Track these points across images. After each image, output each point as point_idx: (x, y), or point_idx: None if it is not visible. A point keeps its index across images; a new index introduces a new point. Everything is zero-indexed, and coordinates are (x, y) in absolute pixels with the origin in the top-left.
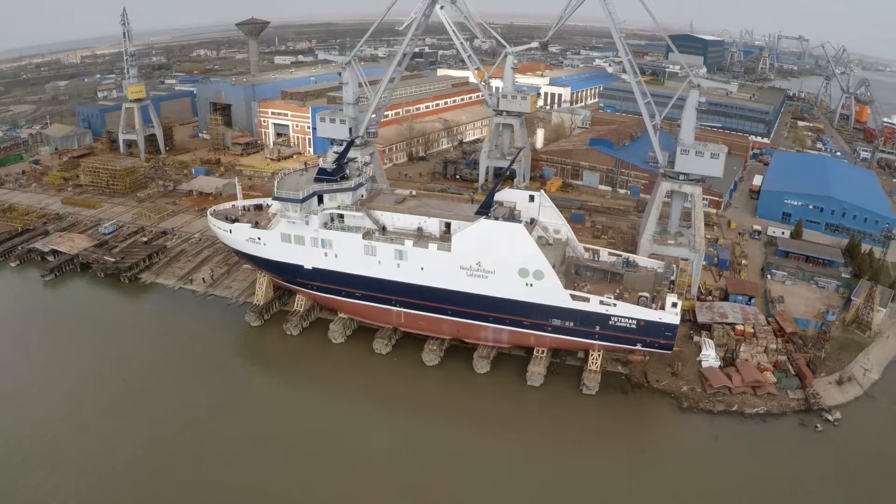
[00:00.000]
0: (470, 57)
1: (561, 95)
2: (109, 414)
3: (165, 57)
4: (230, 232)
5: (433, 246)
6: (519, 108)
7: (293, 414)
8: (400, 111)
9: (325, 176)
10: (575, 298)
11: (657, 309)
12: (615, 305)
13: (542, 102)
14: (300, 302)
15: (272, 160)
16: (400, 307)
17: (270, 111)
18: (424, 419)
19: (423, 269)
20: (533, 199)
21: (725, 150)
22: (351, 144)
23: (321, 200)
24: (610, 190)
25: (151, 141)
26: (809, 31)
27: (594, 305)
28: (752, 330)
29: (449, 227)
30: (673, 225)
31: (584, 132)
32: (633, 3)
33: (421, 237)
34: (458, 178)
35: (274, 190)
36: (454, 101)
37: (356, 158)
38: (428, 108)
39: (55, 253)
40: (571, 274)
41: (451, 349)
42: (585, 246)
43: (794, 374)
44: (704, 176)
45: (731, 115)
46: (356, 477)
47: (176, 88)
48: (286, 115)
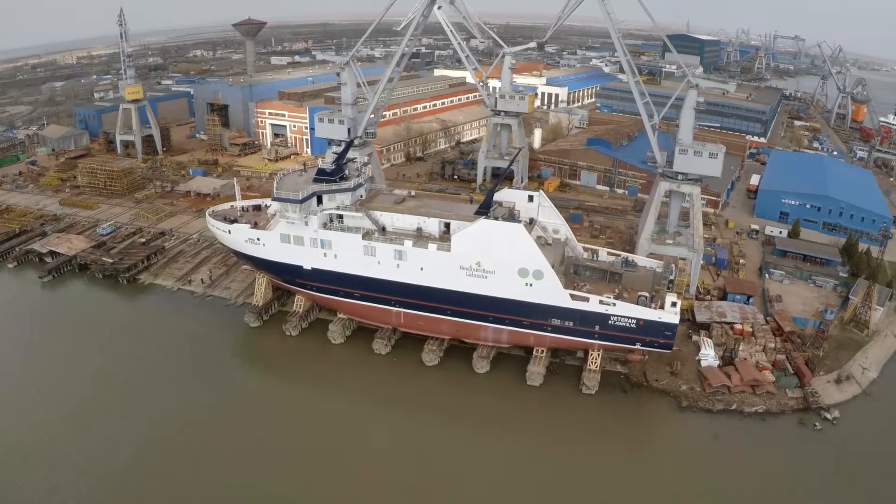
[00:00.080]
0: (468, 57)
1: (558, 95)
2: (109, 414)
3: (162, 57)
4: (229, 233)
5: (433, 246)
6: (517, 108)
7: (293, 414)
8: (397, 111)
9: (324, 176)
10: (574, 298)
11: (656, 308)
12: (615, 305)
13: (539, 102)
14: (299, 302)
15: (270, 161)
16: (399, 307)
17: (268, 112)
18: (424, 419)
19: (422, 269)
20: (532, 199)
21: (724, 149)
22: (350, 145)
23: (320, 201)
24: (608, 190)
25: (148, 142)
26: (805, 30)
27: (594, 305)
28: (750, 329)
29: (448, 227)
30: (671, 224)
31: (581, 132)
32: (629, 3)
33: (420, 237)
34: (455, 178)
35: (273, 190)
36: (451, 101)
37: (355, 159)
38: (425, 108)
39: (53, 254)
40: (570, 274)
41: (450, 349)
42: (584, 246)
43: (792, 372)
44: (702, 176)
45: (728, 114)
46: (356, 477)
47: (172, 89)
48: (283, 115)
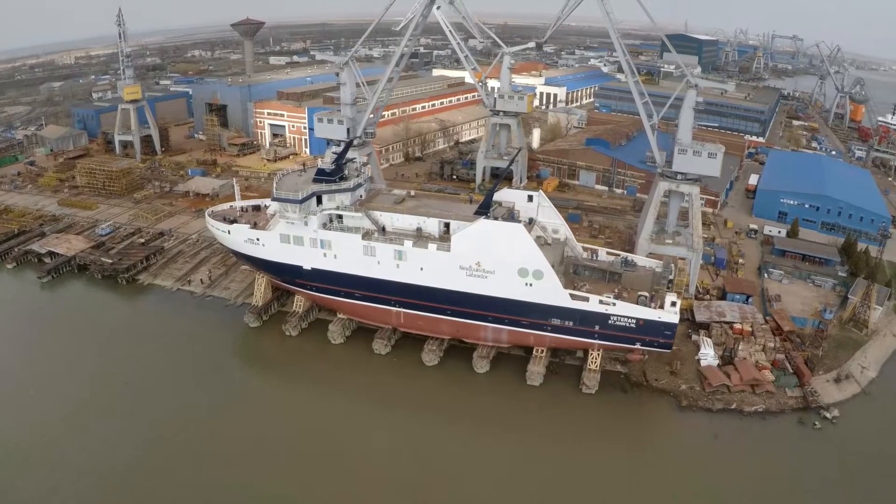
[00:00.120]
0: (467, 57)
1: (556, 95)
2: (108, 415)
3: (160, 58)
4: (229, 233)
5: (433, 246)
6: (516, 108)
7: (293, 414)
8: (396, 111)
9: (323, 176)
10: (574, 298)
11: (656, 308)
12: (614, 305)
13: (537, 102)
14: (299, 302)
15: (268, 161)
16: (399, 307)
17: (266, 112)
18: (424, 419)
19: (422, 269)
20: (531, 199)
21: (723, 149)
22: (350, 145)
23: (320, 201)
24: (606, 190)
25: (147, 142)
26: (803, 30)
27: (594, 305)
28: (750, 328)
29: (448, 227)
30: (670, 224)
31: (580, 132)
32: (628, 3)
33: (420, 237)
34: (454, 178)
35: (273, 190)
36: (450, 101)
37: (354, 159)
38: (424, 108)
39: (52, 254)
40: (570, 273)
41: (450, 349)
42: (584, 246)
43: (792, 372)
44: (702, 175)
45: (726, 114)
46: (356, 477)
47: (171, 89)
48: (282, 115)
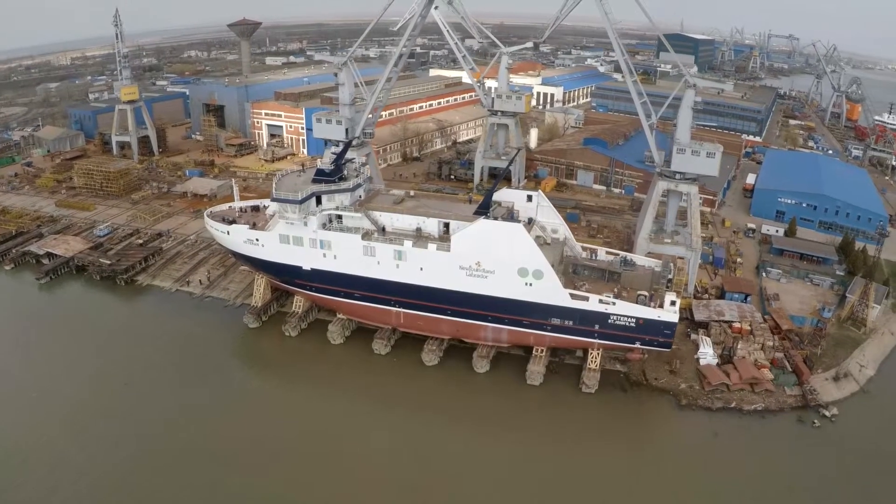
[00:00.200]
0: (465, 57)
1: (553, 95)
2: (108, 415)
3: (156, 58)
4: (228, 233)
5: (432, 246)
6: (514, 108)
7: (292, 415)
8: (394, 112)
9: (323, 177)
10: (574, 297)
11: (656, 307)
12: (614, 304)
13: (534, 102)
14: (298, 303)
15: (266, 161)
16: (399, 307)
17: (264, 112)
18: (424, 419)
19: (422, 269)
20: (531, 198)
21: (721, 149)
22: (349, 145)
23: (319, 201)
24: (604, 189)
25: (144, 142)
26: (799, 29)
27: (593, 304)
28: (748, 327)
29: (448, 227)
30: (669, 224)
31: (577, 132)
32: (624, 2)
33: (420, 237)
34: (452, 178)
35: (272, 191)
36: (447, 101)
37: (353, 159)
38: (421, 108)
39: (50, 256)
40: (569, 273)
41: (450, 349)
42: (583, 245)
43: (791, 370)
44: (700, 175)
45: (723, 114)
46: (356, 477)
47: (168, 90)
48: (280, 115)
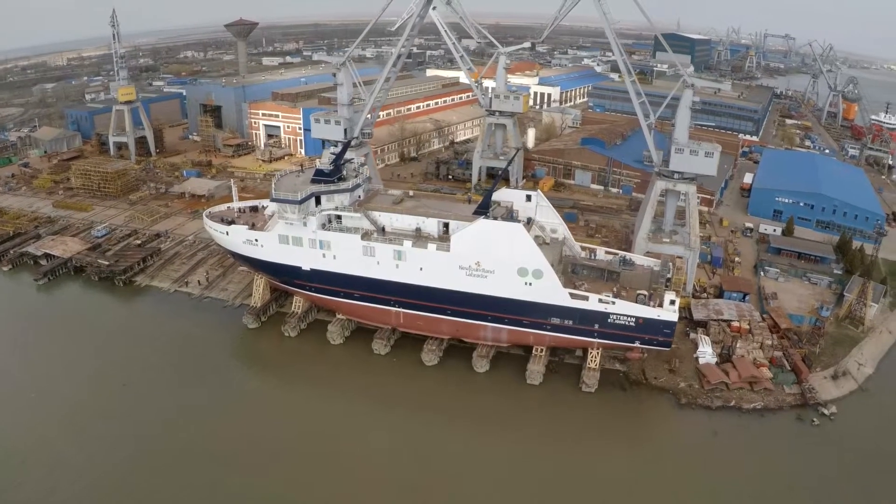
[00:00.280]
0: (462, 57)
1: (550, 95)
2: (106, 416)
3: (152, 59)
4: (227, 234)
5: (432, 246)
6: (512, 108)
7: (292, 415)
8: (391, 112)
9: (322, 177)
10: (574, 297)
11: (655, 306)
12: (614, 303)
13: (531, 102)
14: (298, 303)
15: (264, 161)
16: (399, 307)
17: (261, 112)
18: (424, 419)
19: (422, 269)
20: (530, 198)
21: (719, 148)
22: (348, 145)
23: (319, 201)
24: (602, 189)
25: (141, 143)
26: (795, 29)
27: (593, 304)
28: (747, 326)
29: (447, 227)
30: (668, 223)
31: (574, 131)
32: (621, 2)
33: (420, 237)
34: (450, 178)
35: (271, 191)
36: (445, 101)
37: (352, 159)
38: (419, 108)
39: (48, 257)
40: (568, 273)
41: (450, 349)
42: (582, 245)
43: (789, 369)
44: (698, 174)
45: (720, 113)
46: (356, 477)
47: (164, 90)
48: (277, 116)
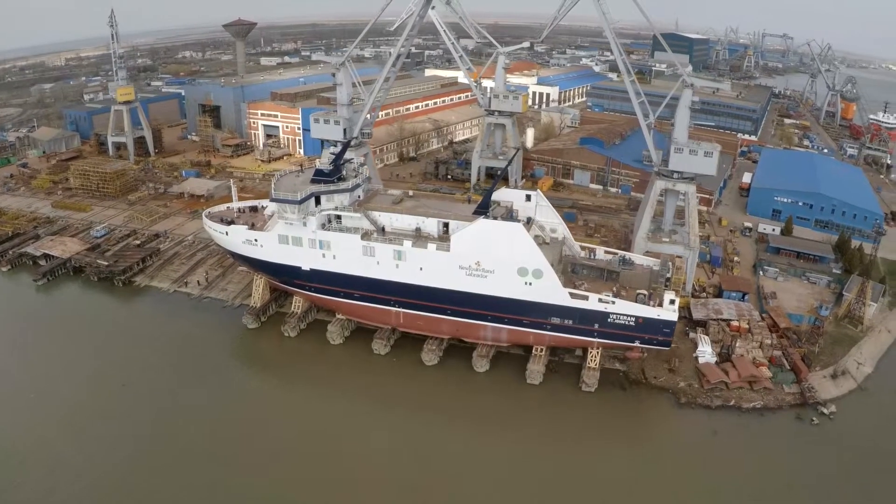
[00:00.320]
0: (461, 57)
1: (549, 95)
2: (106, 416)
3: (150, 59)
4: (227, 234)
5: (432, 246)
6: (511, 107)
7: (292, 415)
8: (390, 112)
9: (322, 177)
10: (574, 297)
11: (655, 306)
12: (614, 303)
13: (530, 102)
14: (297, 303)
15: (263, 162)
16: (399, 307)
17: (260, 112)
18: (424, 419)
19: (421, 269)
20: (529, 198)
21: (719, 148)
22: (347, 145)
23: (318, 202)
24: (601, 189)
25: (140, 143)
26: (793, 28)
27: (593, 303)
28: (746, 326)
29: (447, 227)
30: (667, 223)
31: (573, 131)
32: (619, 1)
33: (419, 237)
34: (449, 178)
35: (271, 191)
36: (443, 101)
37: (352, 159)
38: (418, 108)
39: (47, 257)
40: (568, 272)
41: (449, 348)
42: (582, 245)
43: (789, 368)
44: (697, 174)
45: (718, 113)
46: (356, 477)
47: (162, 90)
48: (276, 116)
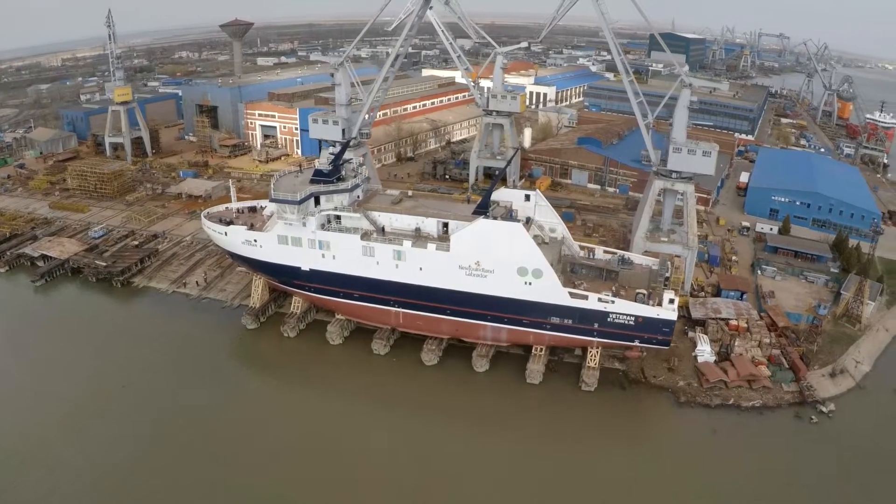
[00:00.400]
0: (459, 57)
1: (546, 94)
2: (106, 417)
3: (147, 59)
4: (226, 234)
5: (432, 246)
6: (509, 107)
7: (292, 415)
8: (388, 112)
9: (321, 177)
10: (573, 296)
11: (654, 305)
12: (613, 302)
13: (527, 102)
14: (297, 304)
15: (260, 162)
16: (398, 307)
17: (258, 113)
18: (424, 419)
19: (421, 269)
20: (528, 198)
21: (717, 148)
22: (347, 145)
23: (318, 202)
24: (599, 188)
25: (138, 144)
26: (790, 28)
27: (593, 303)
28: (745, 325)
29: (447, 227)
30: (666, 222)
31: (571, 131)
32: (616, 1)
33: (419, 237)
34: (447, 178)
35: (270, 192)
36: (441, 101)
37: (351, 159)
38: (415, 108)
39: (45, 258)
40: (568, 272)
41: (449, 348)
42: (581, 244)
43: (787, 367)
44: (696, 174)
45: (715, 112)
46: (356, 477)
47: (159, 91)
48: (273, 116)
